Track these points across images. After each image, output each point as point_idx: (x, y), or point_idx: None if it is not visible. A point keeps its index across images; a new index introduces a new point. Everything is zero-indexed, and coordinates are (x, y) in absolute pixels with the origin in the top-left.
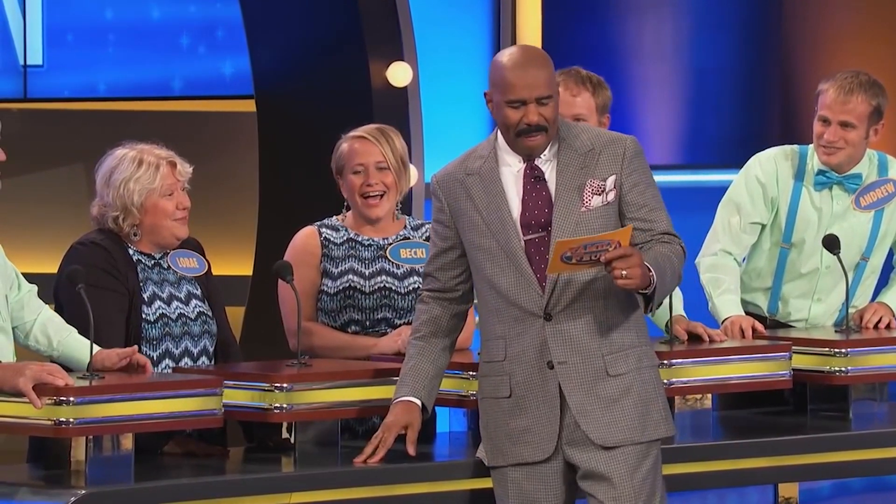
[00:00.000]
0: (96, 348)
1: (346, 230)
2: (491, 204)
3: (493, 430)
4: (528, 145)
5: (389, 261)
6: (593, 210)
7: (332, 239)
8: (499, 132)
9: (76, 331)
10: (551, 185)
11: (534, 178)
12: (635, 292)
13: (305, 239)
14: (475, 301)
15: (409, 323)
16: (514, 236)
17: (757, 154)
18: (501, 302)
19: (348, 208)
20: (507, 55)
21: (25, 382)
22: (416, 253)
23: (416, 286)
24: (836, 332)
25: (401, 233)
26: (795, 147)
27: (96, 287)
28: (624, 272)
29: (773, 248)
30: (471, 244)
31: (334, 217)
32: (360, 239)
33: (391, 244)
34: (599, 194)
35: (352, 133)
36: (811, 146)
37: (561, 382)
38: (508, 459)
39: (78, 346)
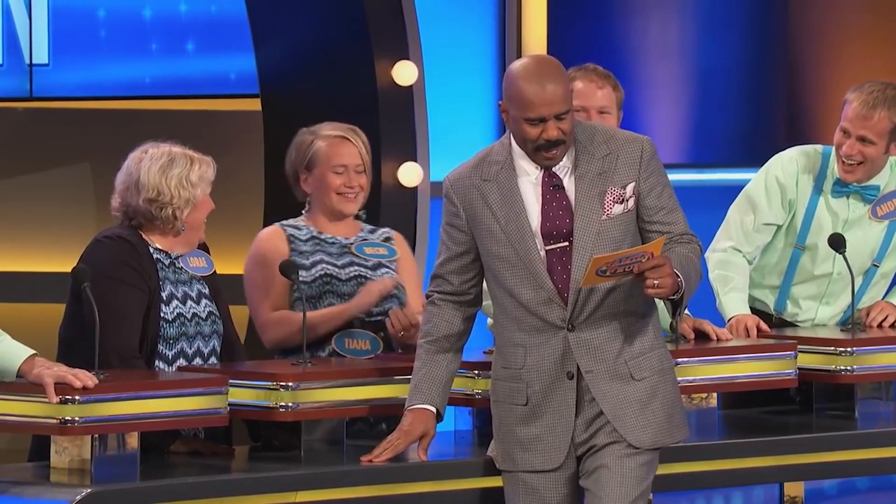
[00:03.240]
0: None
1: (308, 229)
2: (510, 213)
3: (504, 435)
4: (546, 159)
5: (356, 255)
6: (614, 218)
7: (297, 236)
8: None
9: (8, 336)
10: (570, 193)
11: (552, 186)
12: (664, 299)
13: (272, 238)
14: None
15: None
16: (533, 248)
17: (779, 153)
18: (522, 312)
19: (307, 210)
20: (521, 69)
21: (49, 376)
22: (378, 251)
23: (390, 276)
24: (841, 330)
25: (360, 234)
26: (819, 147)
27: (120, 281)
28: (656, 282)
29: (787, 249)
30: (488, 253)
31: (293, 220)
32: (324, 237)
33: (353, 243)
34: (620, 202)
35: (326, 131)
36: (834, 149)
37: (592, 390)
38: (518, 466)
39: (7, 355)
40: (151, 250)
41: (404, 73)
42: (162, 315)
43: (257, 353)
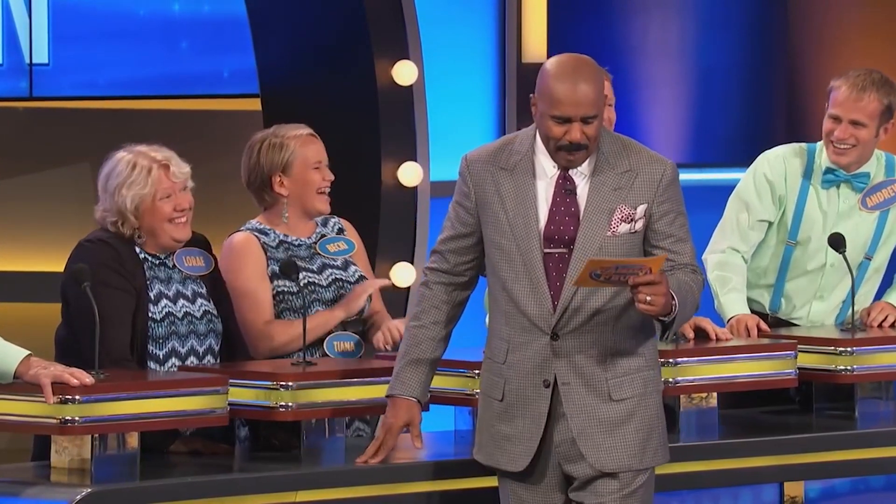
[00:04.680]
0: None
1: (274, 233)
2: (518, 207)
3: (483, 426)
4: (566, 160)
5: (324, 256)
6: (619, 236)
7: (268, 243)
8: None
9: (1, 338)
10: (581, 202)
11: (566, 189)
12: (655, 318)
13: (249, 245)
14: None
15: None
16: (535, 247)
17: (765, 152)
18: (511, 307)
19: (266, 208)
20: (557, 65)
21: (46, 375)
22: (339, 245)
23: (360, 273)
24: (841, 330)
25: (316, 231)
26: (804, 145)
27: (104, 285)
28: (648, 298)
29: (779, 246)
30: (490, 241)
31: (253, 221)
32: (290, 240)
33: (316, 242)
34: (628, 222)
35: (291, 132)
36: (819, 144)
37: (564, 403)
38: (489, 461)
39: (2, 357)
40: (137, 250)
41: (404, 72)
42: (150, 315)
43: None
